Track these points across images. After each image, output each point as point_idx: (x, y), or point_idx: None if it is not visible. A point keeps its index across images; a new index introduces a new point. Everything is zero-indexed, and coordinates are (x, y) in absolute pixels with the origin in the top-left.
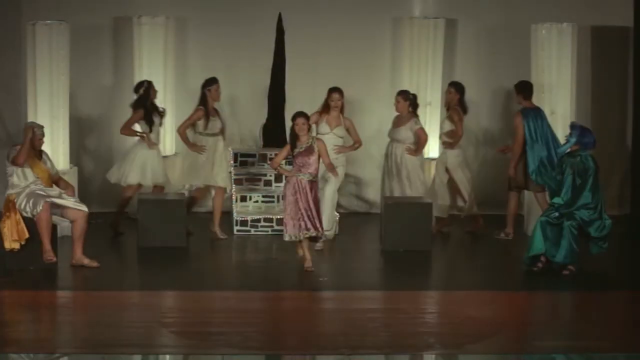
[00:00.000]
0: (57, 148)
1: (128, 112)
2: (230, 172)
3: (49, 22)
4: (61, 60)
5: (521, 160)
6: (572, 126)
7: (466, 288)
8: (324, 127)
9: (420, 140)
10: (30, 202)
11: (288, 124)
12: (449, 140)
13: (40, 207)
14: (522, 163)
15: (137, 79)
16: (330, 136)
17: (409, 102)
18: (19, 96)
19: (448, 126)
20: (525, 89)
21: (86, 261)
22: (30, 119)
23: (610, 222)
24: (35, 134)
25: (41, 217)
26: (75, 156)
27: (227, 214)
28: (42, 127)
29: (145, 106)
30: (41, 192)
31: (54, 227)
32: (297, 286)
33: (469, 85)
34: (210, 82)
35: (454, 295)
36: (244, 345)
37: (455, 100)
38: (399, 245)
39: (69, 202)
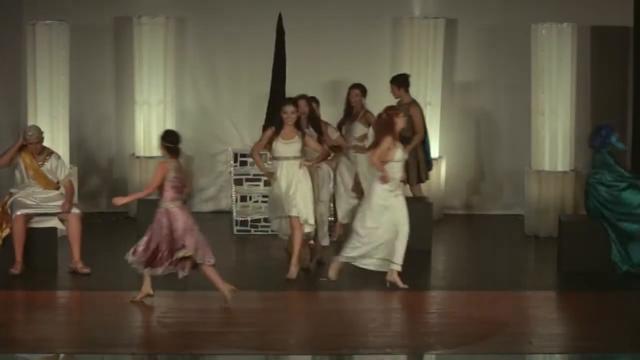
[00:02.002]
0: (57, 148)
1: (127, 111)
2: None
3: (49, 22)
4: (61, 60)
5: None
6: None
7: (466, 288)
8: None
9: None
10: (11, 207)
11: None
12: (361, 144)
13: (14, 217)
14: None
15: (137, 78)
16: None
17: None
18: (19, 96)
19: (361, 130)
20: (406, 82)
21: (79, 266)
22: (30, 119)
23: None
24: (26, 138)
25: (13, 227)
26: (75, 156)
27: (227, 214)
28: (36, 129)
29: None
30: (23, 200)
31: (54, 229)
32: (297, 286)
33: (468, 84)
34: (300, 98)
35: (454, 295)
36: (244, 345)
37: (361, 103)
38: None
39: (52, 209)
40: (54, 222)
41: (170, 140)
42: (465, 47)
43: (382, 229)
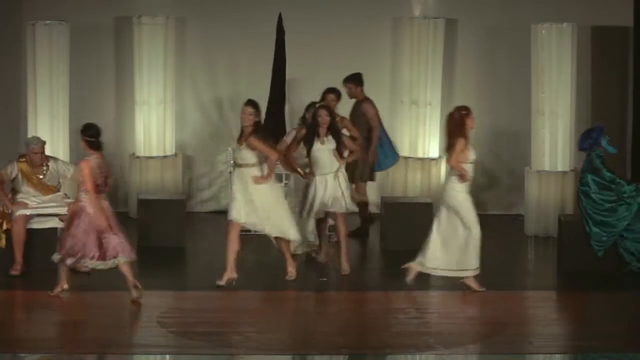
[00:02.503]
0: (57, 148)
1: (127, 111)
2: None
3: (49, 22)
4: (61, 60)
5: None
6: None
7: (466, 288)
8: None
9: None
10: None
11: (288, 123)
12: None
13: (14, 218)
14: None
15: (137, 79)
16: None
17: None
18: (19, 96)
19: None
20: (362, 81)
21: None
22: (30, 119)
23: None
24: (30, 148)
25: (13, 228)
26: (75, 156)
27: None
28: (38, 139)
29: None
30: (23, 201)
31: (54, 229)
32: (297, 286)
33: (468, 85)
34: (321, 108)
35: (454, 295)
36: (244, 345)
37: (335, 108)
38: (399, 246)
39: (54, 209)
40: (54, 222)
41: (90, 133)
42: (465, 47)
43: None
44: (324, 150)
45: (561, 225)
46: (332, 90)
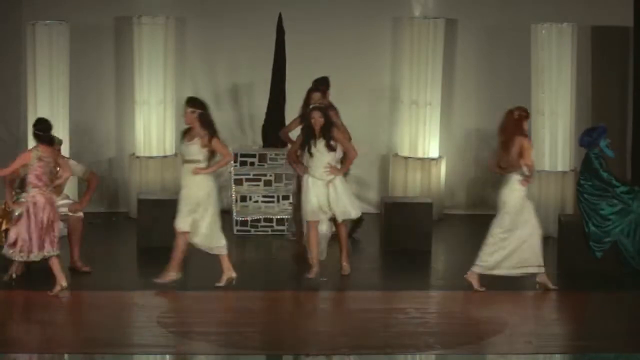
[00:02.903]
0: None
1: (127, 111)
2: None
3: (49, 22)
4: (61, 60)
5: None
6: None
7: (466, 288)
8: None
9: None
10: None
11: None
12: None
13: (13, 217)
14: None
15: (137, 78)
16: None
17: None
18: (19, 96)
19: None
20: (329, 85)
21: (79, 264)
22: (30, 119)
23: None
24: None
25: None
26: (75, 156)
27: (227, 214)
28: (57, 140)
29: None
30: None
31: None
32: (297, 286)
33: (468, 85)
34: (314, 110)
35: (454, 295)
36: (244, 345)
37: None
38: (399, 245)
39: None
40: None
41: (40, 128)
42: (465, 47)
43: (519, 231)
44: (316, 152)
45: (561, 225)
46: (316, 89)
